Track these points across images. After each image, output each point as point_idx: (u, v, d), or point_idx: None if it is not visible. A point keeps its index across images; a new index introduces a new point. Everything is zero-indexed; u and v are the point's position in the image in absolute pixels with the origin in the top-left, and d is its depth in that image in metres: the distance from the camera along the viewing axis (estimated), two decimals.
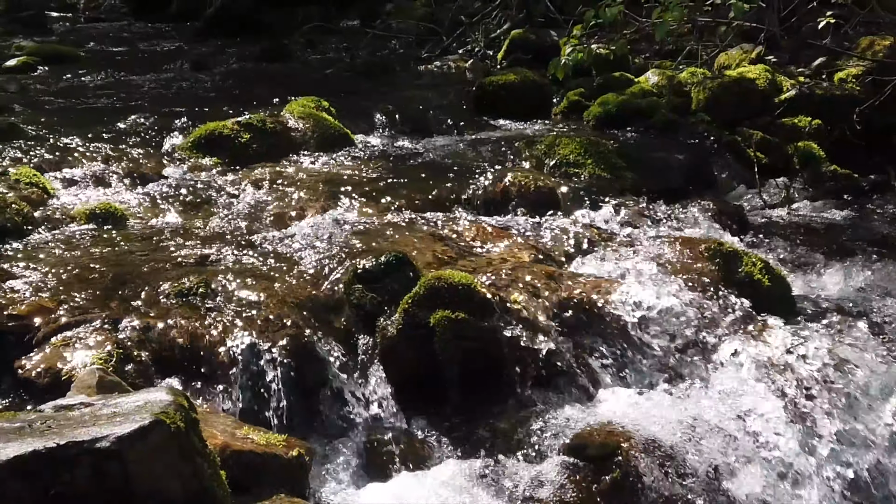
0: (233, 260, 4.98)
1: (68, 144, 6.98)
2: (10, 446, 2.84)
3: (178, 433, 3.03)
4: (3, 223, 5.35)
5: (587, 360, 4.50)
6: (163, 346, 4.20)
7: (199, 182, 6.31)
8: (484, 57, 10.52)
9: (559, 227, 5.73)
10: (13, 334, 4.24)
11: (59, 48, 11.81)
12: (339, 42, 12.26)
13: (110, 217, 5.64)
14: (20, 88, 9.51)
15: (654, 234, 5.73)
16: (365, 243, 5.14)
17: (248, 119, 7.13)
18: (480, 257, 5.15)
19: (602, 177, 6.64)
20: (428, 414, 4.33)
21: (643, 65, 9.23)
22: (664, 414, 4.12)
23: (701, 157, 7.26)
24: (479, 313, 4.50)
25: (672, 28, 7.99)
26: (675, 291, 4.85)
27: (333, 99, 8.03)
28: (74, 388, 3.56)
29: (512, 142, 7.30)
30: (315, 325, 4.44)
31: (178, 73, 10.56)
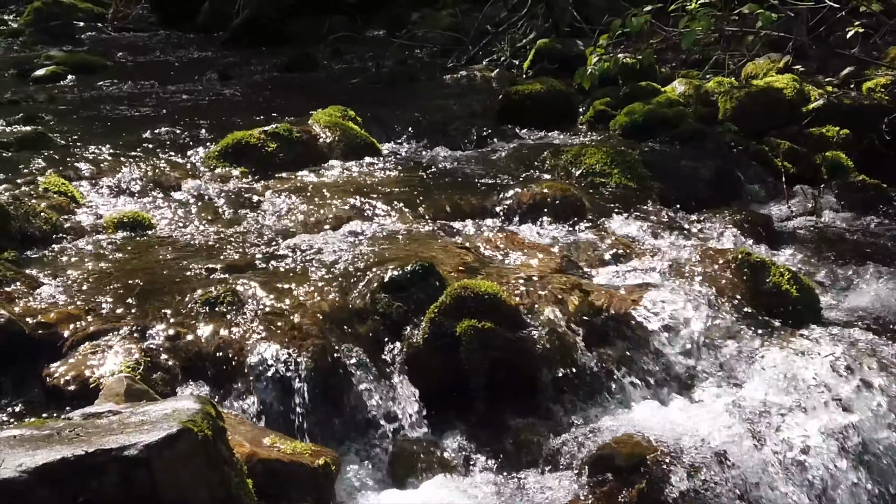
0: (259, 268, 4.99)
1: (96, 153, 7.01)
2: (38, 453, 2.86)
3: (206, 441, 3.04)
4: (32, 232, 5.38)
5: (614, 371, 4.48)
6: (190, 354, 4.22)
7: (226, 191, 6.33)
8: (510, 66, 10.52)
9: (585, 236, 5.72)
10: (42, 342, 4.26)
11: (88, 58, 11.88)
12: (365, 51, 12.28)
13: (138, 226, 5.67)
14: (49, 98, 9.57)
15: (681, 244, 5.70)
16: (391, 252, 5.14)
17: (274, 128, 7.15)
18: (507, 266, 5.14)
19: (628, 186, 6.63)
20: (454, 423, 4.33)
21: (670, 74, 9.20)
22: (692, 424, 4.11)
23: (728, 167, 7.22)
24: (506, 323, 4.50)
25: (699, 37, 7.96)
26: (703, 301, 4.82)
27: (359, 108, 8.04)
28: (103, 395, 3.57)
29: (538, 151, 7.29)
30: (341, 334, 4.44)
31: (204, 83, 10.61)
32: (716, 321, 4.74)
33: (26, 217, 5.43)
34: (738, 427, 4.09)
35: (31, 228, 5.39)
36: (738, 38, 8.88)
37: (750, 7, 7.31)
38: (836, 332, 4.87)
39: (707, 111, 8.03)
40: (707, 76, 8.85)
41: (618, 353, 4.57)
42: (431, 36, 12.55)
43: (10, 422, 3.83)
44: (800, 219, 6.77)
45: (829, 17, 8.38)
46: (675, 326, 4.65)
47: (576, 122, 8.45)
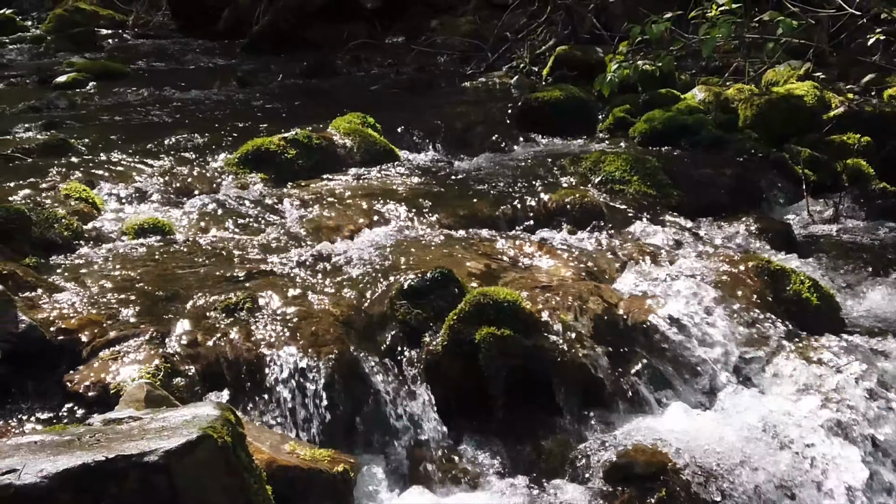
0: (279, 275, 5.00)
1: (117, 160, 7.05)
2: (59, 459, 2.87)
3: (225, 448, 3.05)
4: (54, 238, 5.41)
5: (633, 378, 4.48)
6: (210, 360, 4.23)
7: (246, 197, 6.35)
8: (529, 73, 10.51)
9: (605, 243, 5.72)
10: (63, 348, 4.28)
11: (109, 64, 11.95)
12: (385, 58, 12.30)
13: (158, 232, 5.70)
14: (70, 104, 9.63)
15: (701, 251, 5.68)
16: (410, 259, 5.15)
17: (294, 135, 7.17)
18: (526, 273, 5.14)
19: (648, 193, 6.61)
20: (472, 430, 4.32)
21: (689, 81, 9.18)
22: (711, 432, 4.09)
23: (748, 174, 7.20)
24: (525, 330, 4.50)
25: (719, 44, 7.95)
26: (723, 309, 4.81)
27: (379, 115, 8.05)
28: (123, 401, 3.59)
29: (557, 158, 7.29)
30: (360, 341, 4.45)
31: (225, 90, 10.64)
32: (736, 328, 4.73)
33: (48, 223, 5.46)
34: (760, 435, 4.08)
35: (52, 234, 5.42)
36: (758, 45, 8.84)
37: (770, 14, 7.30)
38: (856, 340, 4.85)
39: (727, 118, 8.00)
40: (727, 83, 8.83)
41: (637, 360, 4.57)
42: (450, 43, 12.56)
43: (32, 427, 3.85)
44: (820, 226, 6.74)
45: (850, 24, 8.36)
46: (695, 334, 4.64)
47: (595, 129, 8.44)
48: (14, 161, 7.00)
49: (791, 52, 8.92)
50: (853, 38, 8.61)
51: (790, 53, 8.96)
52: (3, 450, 3.00)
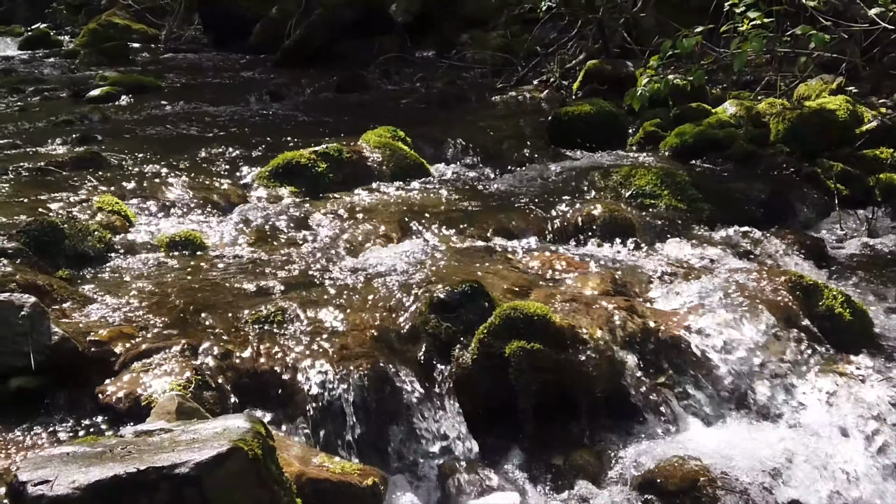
0: (309, 288, 5.02)
1: (149, 173, 7.10)
2: (91, 470, 2.89)
3: (256, 460, 3.06)
4: (86, 250, 5.44)
5: (664, 393, 4.46)
6: (240, 373, 4.24)
7: (277, 211, 6.37)
8: (559, 87, 10.50)
9: (635, 257, 5.70)
10: (95, 359, 4.30)
11: (141, 78, 12.02)
12: (415, 72, 12.33)
13: (190, 245, 5.72)
14: (103, 118, 9.70)
15: (733, 266, 5.65)
16: (440, 272, 5.15)
17: (324, 148, 7.19)
18: (556, 287, 5.13)
19: (679, 208, 6.59)
20: (502, 444, 4.33)
21: (721, 95, 9.14)
22: (743, 448, 4.07)
23: (780, 189, 7.16)
24: (555, 344, 4.49)
25: (750, 59, 7.92)
26: (755, 324, 4.78)
27: (409, 129, 8.06)
28: (154, 413, 3.61)
29: (587, 172, 7.27)
30: (390, 354, 4.45)
31: (256, 103, 10.70)
32: (768, 344, 4.70)
33: (80, 236, 5.50)
34: (793, 452, 4.05)
35: (84, 247, 5.45)
36: (790, 59, 8.81)
37: (803, 28, 7.28)
38: (890, 357, 4.80)
39: (759, 133, 7.96)
40: (759, 97, 8.79)
41: (668, 374, 4.55)
42: (481, 57, 12.57)
43: (64, 438, 3.88)
44: (853, 241, 6.68)
45: (883, 38, 8.30)
46: (726, 348, 4.62)
47: (625, 143, 8.42)
48: (48, 174, 7.06)
49: (823, 66, 8.88)
50: (886, 52, 8.55)
51: (822, 67, 8.91)
52: (36, 461, 3.02)
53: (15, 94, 11.37)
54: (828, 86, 8.50)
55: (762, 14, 7.14)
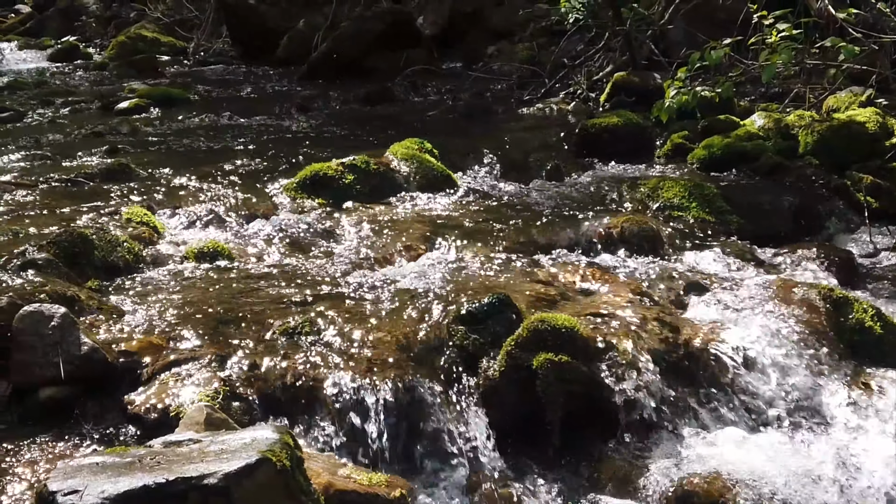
0: (336, 299, 5.02)
1: (178, 184, 7.14)
2: (121, 480, 2.90)
3: (284, 471, 3.06)
4: (116, 261, 5.47)
5: (693, 406, 4.44)
6: (268, 384, 4.25)
7: (304, 222, 6.39)
8: (586, 99, 10.50)
9: (663, 270, 5.67)
10: (124, 370, 4.33)
11: (170, 90, 12.10)
12: (442, 84, 12.36)
13: (218, 256, 5.74)
14: (132, 130, 9.76)
15: (761, 278, 5.61)
16: (467, 284, 5.14)
17: (352, 160, 7.20)
18: (583, 299, 5.12)
19: (707, 220, 6.57)
20: (530, 457, 4.31)
21: (749, 107, 9.10)
22: (772, 462, 4.04)
23: (809, 201, 7.12)
24: (583, 356, 4.48)
25: (779, 70, 7.88)
26: (784, 337, 4.76)
27: (436, 141, 8.07)
28: (183, 424, 3.62)
29: (615, 184, 7.27)
30: (418, 366, 4.45)
31: (283, 115, 10.74)
32: (798, 357, 4.67)
33: (110, 247, 5.53)
34: (823, 466, 4.02)
35: (114, 258, 5.48)
36: (819, 71, 8.77)
37: (832, 40, 7.25)
38: None
39: (787, 145, 7.92)
40: (787, 109, 8.75)
41: (697, 387, 4.53)
42: (508, 69, 12.58)
43: (93, 448, 3.89)
44: (883, 254, 6.64)
45: None
46: (756, 361, 4.59)
47: (653, 155, 8.40)
48: (77, 185, 7.12)
49: (853, 78, 8.83)
50: None
51: (852, 80, 8.86)
52: (66, 471, 3.03)
53: (45, 107, 11.48)
54: (857, 98, 8.45)
55: (791, 26, 7.11)
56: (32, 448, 3.92)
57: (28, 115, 10.93)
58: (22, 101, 11.83)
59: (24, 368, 4.22)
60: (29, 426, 4.09)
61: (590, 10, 10.40)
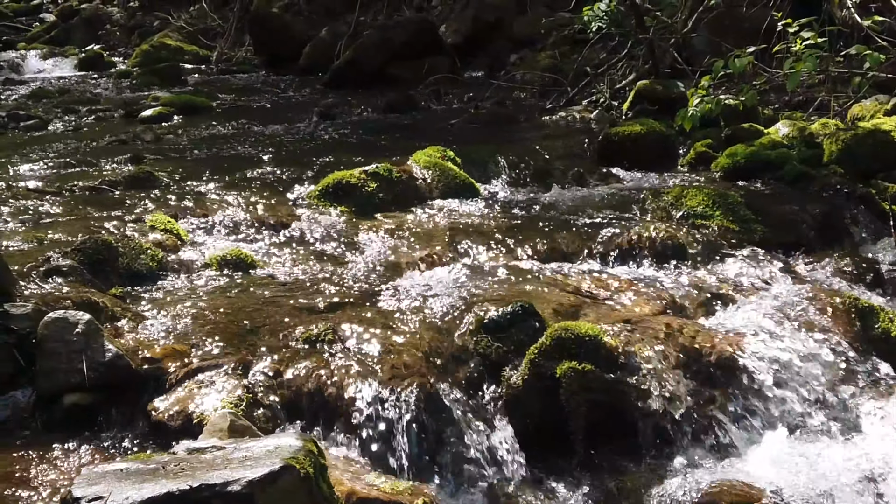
0: (359, 307, 5.02)
1: (201, 192, 7.16)
2: (145, 487, 2.90)
3: (308, 479, 3.06)
4: (139, 268, 5.49)
5: (718, 416, 4.41)
6: (291, 391, 4.26)
7: (327, 230, 6.39)
8: (609, 108, 10.46)
9: (687, 278, 5.65)
10: (147, 377, 4.34)
11: (193, 99, 12.15)
12: (464, 93, 12.36)
13: (241, 263, 5.75)
14: (156, 137, 9.80)
15: (786, 287, 5.57)
16: (490, 292, 5.13)
17: (374, 168, 7.20)
18: (607, 308, 5.10)
19: (731, 229, 6.52)
20: (553, 466, 4.30)
21: (773, 116, 9.06)
22: (799, 473, 4.01)
23: (834, 210, 7.07)
24: (606, 365, 4.46)
25: (803, 79, 7.85)
26: (809, 347, 4.73)
27: (458, 148, 8.06)
28: (206, 431, 3.62)
29: (637, 192, 7.24)
30: (441, 374, 4.44)
31: (306, 124, 10.76)
32: (823, 366, 4.64)
33: (133, 254, 5.55)
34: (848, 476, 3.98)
35: (138, 265, 5.50)
36: (844, 79, 8.73)
37: (857, 48, 7.21)
38: None
39: (811, 153, 7.87)
40: (811, 118, 8.71)
41: (722, 397, 4.50)
42: (530, 77, 12.56)
43: (117, 455, 3.90)
44: None
45: None
46: (781, 371, 4.56)
47: (676, 164, 8.37)
48: (101, 193, 7.15)
49: (878, 86, 8.78)
50: None
51: (877, 88, 8.81)
52: (90, 477, 3.04)
53: (69, 115, 11.54)
54: (882, 106, 8.39)
55: (816, 34, 7.08)
56: (57, 454, 3.93)
57: (52, 123, 11.00)
58: (46, 110, 11.90)
59: (48, 375, 4.24)
60: (53, 432, 4.11)
61: (613, 19, 10.36)
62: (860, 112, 8.56)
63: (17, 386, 4.31)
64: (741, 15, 10.74)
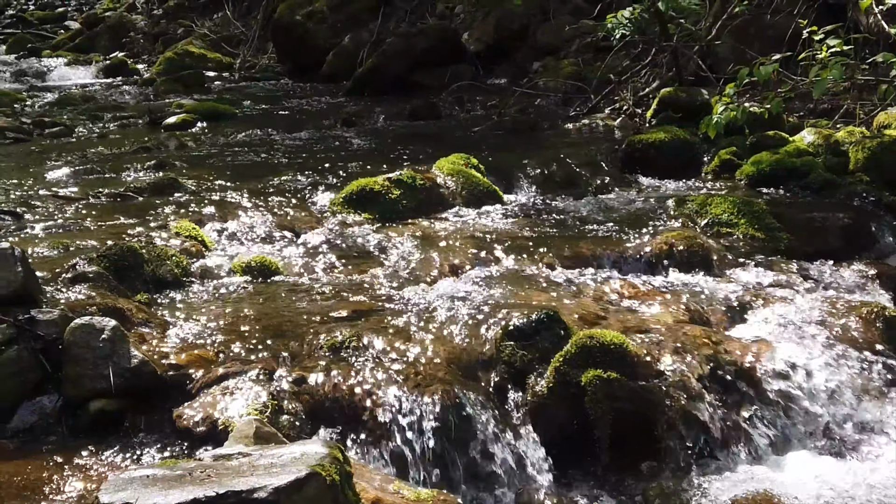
0: (383, 314, 5.02)
1: (225, 198, 7.17)
2: (171, 493, 2.90)
3: (333, 486, 3.06)
4: (164, 275, 5.51)
5: (744, 424, 4.38)
6: (316, 398, 4.26)
7: (351, 237, 6.40)
8: (632, 115, 10.44)
9: (712, 287, 5.61)
10: (173, 383, 4.35)
11: (217, 106, 12.18)
12: (487, 100, 12.35)
13: (265, 270, 5.76)
14: (180, 144, 9.84)
15: (812, 296, 5.54)
16: (514, 300, 5.12)
17: (398, 175, 7.21)
18: (632, 316, 5.08)
19: (756, 237, 6.50)
20: (578, 474, 4.29)
21: (798, 124, 9.01)
22: (825, 483, 3.98)
23: (860, 218, 7.02)
24: (632, 373, 4.45)
25: (829, 87, 7.80)
26: (837, 355, 4.69)
27: (482, 156, 8.06)
28: (232, 437, 3.62)
29: (662, 200, 7.22)
30: (465, 381, 4.44)
31: (329, 131, 10.77)
32: (850, 376, 4.60)
33: (159, 260, 5.56)
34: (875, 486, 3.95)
35: (163, 272, 5.52)
36: (870, 86, 8.67)
37: (884, 56, 7.16)
38: None
39: (837, 161, 7.83)
40: (837, 126, 8.65)
41: (748, 406, 4.48)
42: (553, 85, 12.55)
43: (142, 461, 3.91)
44: None
45: None
46: (808, 380, 4.53)
47: (700, 172, 8.33)
48: (126, 199, 7.19)
49: None
50: None
51: None
52: (117, 483, 3.04)
53: (94, 122, 11.61)
54: None
55: (842, 41, 7.04)
56: (83, 460, 3.94)
57: (77, 129, 11.06)
58: (71, 117, 11.98)
59: (75, 381, 4.26)
60: (79, 438, 4.12)
61: (637, 26, 10.33)
62: (886, 120, 8.50)
63: (43, 392, 4.33)
64: (765, 22, 10.71)
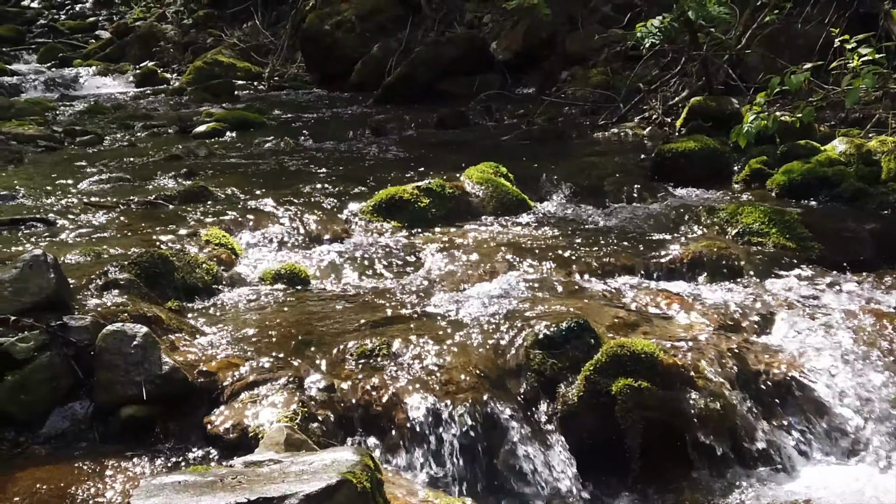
0: (413, 322, 5.02)
1: (255, 206, 7.20)
2: (203, 499, 2.91)
3: (364, 493, 3.05)
4: (195, 282, 5.52)
5: (776, 434, 4.35)
6: (345, 405, 4.26)
7: (380, 245, 6.41)
8: (662, 124, 10.41)
9: (743, 296, 5.58)
10: (203, 390, 4.36)
11: (246, 114, 12.23)
12: (516, 109, 12.35)
13: (295, 278, 5.78)
14: (209, 153, 9.88)
15: (844, 306, 5.49)
16: (544, 308, 5.11)
17: (427, 184, 7.22)
18: (662, 325, 5.05)
19: (787, 246, 6.45)
20: (609, 483, 4.27)
21: (829, 133, 8.95)
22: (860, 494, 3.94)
23: (892, 228, 6.96)
24: (662, 383, 4.42)
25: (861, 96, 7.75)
26: (869, 366, 4.65)
27: (511, 165, 8.05)
28: (263, 444, 3.62)
29: (692, 209, 7.18)
30: (495, 389, 4.42)
31: (358, 139, 10.80)
32: (884, 387, 4.56)
33: (189, 268, 5.58)
34: None
35: (193, 279, 5.54)
36: None
37: None
38: None
39: (869, 171, 7.77)
40: (869, 135, 8.59)
41: (780, 415, 4.44)
42: (581, 94, 12.53)
43: (175, 467, 3.92)
44: None
45: None
46: (840, 391, 4.49)
47: (730, 181, 8.29)
48: (157, 207, 7.22)
49: None
50: None
51: None
52: (149, 488, 3.05)
53: (124, 130, 11.68)
54: None
55: (874, 50, 6.99)
56: (114, 466, 3.96)
57: (108, 138, 11.12)
58: (102, 125, 12.06)
59: (106, 387, 4.28)
60: (110, 444, 4.14)
61: (666, 35, 10.29)
62: None
63: (75, 398, 4.36)
64: (796, 31, 10.66)
